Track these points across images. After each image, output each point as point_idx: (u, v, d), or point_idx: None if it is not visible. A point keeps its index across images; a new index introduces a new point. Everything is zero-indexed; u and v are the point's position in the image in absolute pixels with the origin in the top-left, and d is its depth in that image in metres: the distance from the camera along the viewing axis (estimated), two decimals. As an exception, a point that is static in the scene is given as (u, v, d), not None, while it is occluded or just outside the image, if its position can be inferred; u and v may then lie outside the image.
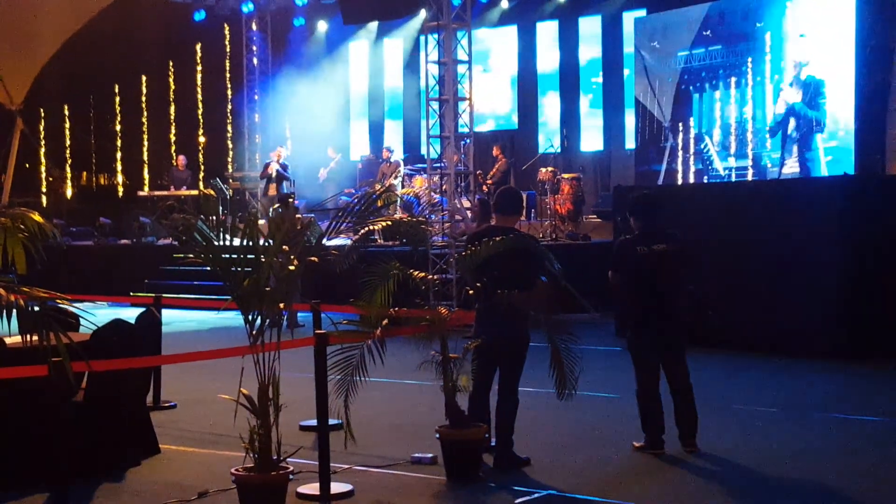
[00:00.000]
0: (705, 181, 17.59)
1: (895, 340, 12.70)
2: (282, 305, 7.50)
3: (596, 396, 10.53)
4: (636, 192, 11.79)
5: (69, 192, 31.47)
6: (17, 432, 7.85)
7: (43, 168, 31.91)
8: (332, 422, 8.03)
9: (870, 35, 16.58)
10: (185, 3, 26.39)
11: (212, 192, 8.47)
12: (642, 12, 21.67)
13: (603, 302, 15.61)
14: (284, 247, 7.61)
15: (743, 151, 17.47)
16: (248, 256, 7.41)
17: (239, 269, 7.39)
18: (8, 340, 7.77)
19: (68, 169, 31.87)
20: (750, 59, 17.47)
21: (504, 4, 24.98)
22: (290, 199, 17.90)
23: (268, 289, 7.31)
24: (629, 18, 22.26)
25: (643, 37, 19.14)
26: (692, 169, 18.22)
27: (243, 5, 25.99)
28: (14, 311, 5.93)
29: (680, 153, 18.46)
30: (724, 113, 17.91)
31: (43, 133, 31.82)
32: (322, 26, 27.11)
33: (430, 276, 8.86)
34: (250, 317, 7.32)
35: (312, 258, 7.60)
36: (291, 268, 7.33)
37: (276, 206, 16.98)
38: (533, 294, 8.03)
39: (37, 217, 7.53)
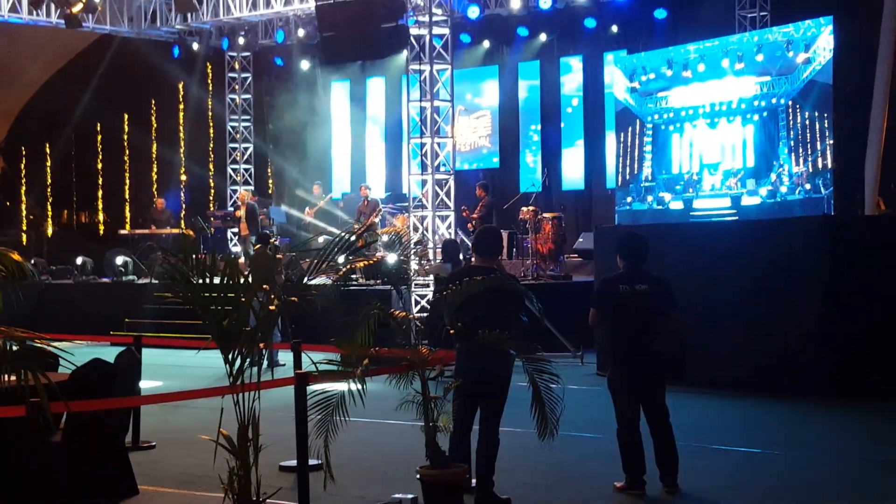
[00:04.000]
0: (686, 220, 17.63)
1: (876, 379, 12.71)
2: (262, 345, 7.49)
3: (577, 436, 10.50)
4: (623, 231, 11.83)
5: (50, 230, 31.39)
6: (-6, 472, 7.79)
7: (24, 206, 31.85)
8: (312, 462, 8.01)
9: (847, 77, 16.72)
10: (166, 42, 26.42)
11: (191, 232, 8.47)
12: (623, 53, 21.82)
13: (585, 341, 15.67)
14: (264, 286, 7.61)
15: (723, 191, 17.54)
16: (228, 295, 7.40)
17: (218, 308, 7.37)
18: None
19: (49, 207, 31.82)
20: (728, 99, 17.57)
21: (485, 45, 25.10)
22: (270, 239, 17.87)
23: (247, 328, 7.30)
24: (610, 58, 22.41)
25: (623, 76, 19.23)
26: (672, 208, 18.27)
27: (224, 43, 26.02)
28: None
29: (660, 192, 18.52)
30: (704, 151, 17.99)
31: (24, 171, 31.79)
32: (304, 65, 27.19)
33: (411, 316, 8.86)
34: (230, 356, 7.30)
35: (293, 298, 7.59)
36: (272, 307, 7.33)
37: (256, 245, 16.95)
38: (513, 333, 8.02)
39: (15, 256, 7.48)
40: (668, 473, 8.68)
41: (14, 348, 6.17)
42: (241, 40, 25.85)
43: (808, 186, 16.20)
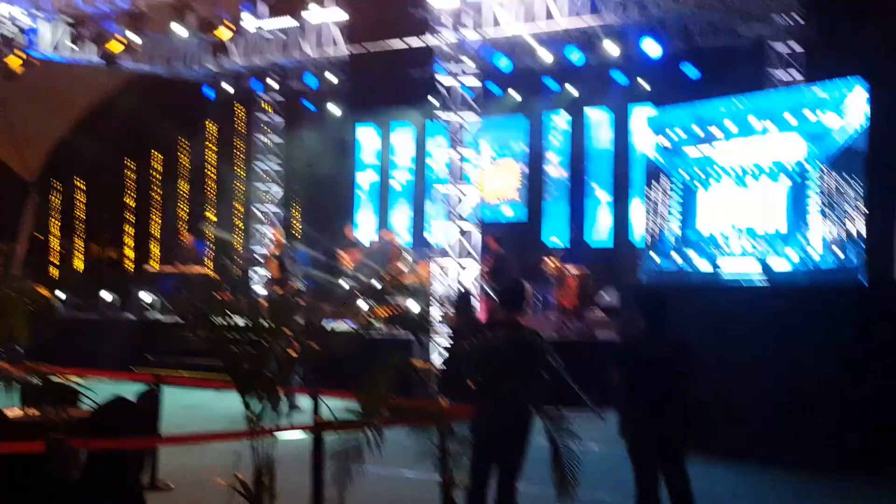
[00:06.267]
0: (713, 282, 17.53)
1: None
2: (281, 390, 7.50)
3: (598, 499, 10.37)
4: (643, 289, 11.76)
5: (78, 265, 31.56)
6: (12, 508, 7.81)
7: (54, 240, 32.07)
8: (327, 511, 8.00)
9: (880, 141, 16.63)
10: (197, 82, 26.69)
11: (214, 274, 8.54)
12: (649, 107, 21.84)
13: (607, 400, 15.54)
14: (286, 330, 7.63)
15: (751, 253, 17.46)
16: (250, 338, 7.43)
17: (239, 350, 7.40)
18: (9, 413, 7.76)
19: (79, 241, 32.02)
20: (758, 159, 17.52)
21: (514, 95, 25.18)
22: (290, 282, 17.92)
23: (267, 373, 7.32)
24: (637, 112, 22.45)
25: (651, 132, 19.23)
26: (699, 268, 18.20)
27: (254, 85, 26.25)
28: (16, 384, 5.96)
29: (687, 252, 18.46)
30: (733, 212, 17.93)
31: (56, 205, 32.04)
32: (334, 109, 27.34)
33: (432, 367, 8.86)
34: (248, 399, 7.32)
35: (313, 343, 7.61)
36: (291, 352, 7.35)
37: (277, 288, 16.99)
38: (533, 390, 8.00)
39: (43, 291, 7.57)
40: (688, 540, 8.54)
41: (37, 382, 6.22)
42: (273, 84, 26.06)
43: (839, 253, 16.09)
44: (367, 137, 28.60)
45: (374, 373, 8.00)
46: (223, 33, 20.29)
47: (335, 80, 24.50)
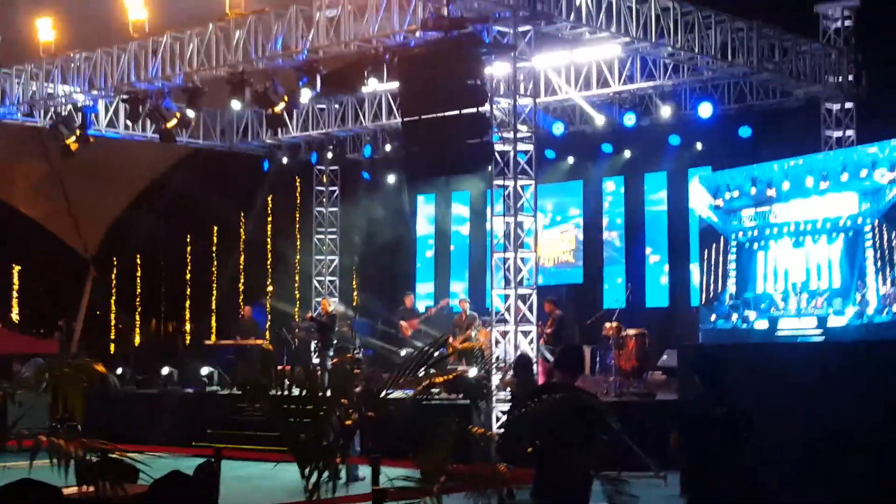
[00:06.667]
0: (767, 339, 17.38)
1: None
2: (338, 459, 7.48)
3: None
4: (698, 349, 11.68)
5: (137, 340, 31.83)
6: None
7: (112, 315, 32.39)
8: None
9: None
10: (256, 155, 26.99)
11: (270, 346, 8.56)
12: (707, 169, 21.81)
13: (669, 462, 15.38)
14: (343, 399, 7.61)
15: (809, 311, 17.30)
16: (306, 408, 7.42)
17: (296, 420, 7.39)
18: (65, 491, 7.78)
19: (137, 317, 32.30)
20: (813, 218, 17.42)
21: (570, 160, 25.23)
22: (348, 353, 17.91)
23: (325, 442, 7.30)
24: (695, 176, 22.39)
25: (706, 193, 19.16)
26: (757, 328, 18.04)
27: (313, 157, 26.49)
28: (71, 460, 5.96)
29: (745, 311, 18.31)
30: (789, 270, 17.80)
31: (115, 281, 32.38)
32: (390, 179, 27.50)
33: (489, 433, 8.80)
34: (307, 470, 7.29)
35: (369, 412, 7.59)
36: (348, 422, 7.33)
37: (334, 359, 16.98)
38: (592, 453, 7.92)
39: (99, 367, 7.60)
40: None
41: (93, 459, 6.22)
42: (329, 154, 26.30)
43: (895, 308, 15.90)
44: (424, 205, 28.72)
45: (433, 439, 7.95)
46: (279, 106, 20.50)
47: (391, 150, 24.73)
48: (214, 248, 30.89)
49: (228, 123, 25.94)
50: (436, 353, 8.41)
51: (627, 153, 24.41)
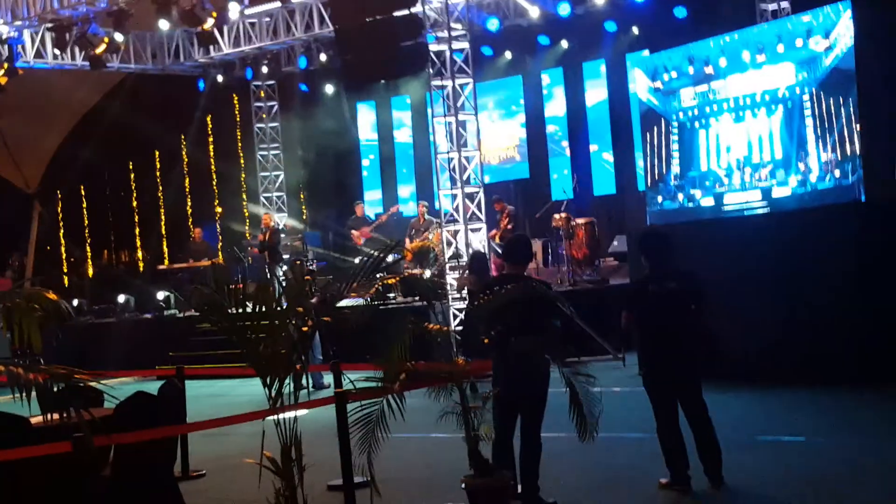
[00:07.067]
0: (714, 215, 17.62)
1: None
2: (298, 367, 7.58)
3: (621, 437, 10.53)
4: (643, 230, 11.90)
5: (90, 271, 31.69)
6: (47, 511, 7.89)
7: (63, 249, 32.20)
8: (357, 479, 8.08)
9: (869, 61, 16.62)
10: (191, 76, 26.66)
11: (223, 262, 8.60)
12: (645, 53, 21.82)
13: (626, 343, 15.69)
14: (299, 308, 7.69)
15: (753, 184, 17.51)
16: (263, 322, 7.50)
17: (254, 335, 7.47)
18: (34, 420, 7.84)
19: (88, 248, 32.14)
20: (751, 92, 17.54)
21: (507, 55, 25.13)
22: (298, 262, 17.96)
23: (283, 351, 7.39)
24: (633, 60, 22.39)
25: (645, 77, 19.23)
26: (703, 205, 18.26)
27: (248, 73, 26.19)
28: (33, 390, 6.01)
29: (690, 190, 18.51)
30: (731, 146, 17.96)
31: (61, 214, 32.13)
32: (328, 89, 27.30)
33: (446, 328, 8.92)
34: (269, 381, 7.40)
35: (326, 318, 7.68)
36: (305, 329, 7.42)
37: (285, 269, 17.04)
38: (547, 339, 8.08)
39: (51, 295, 7.62)
40: (712, 467, 8.71)
41: (56, 387, 6.26)
42: (264, 69, 26.04)
43: (837, 173, 16.14)
44: (365, 113, 28.59)
45: (391, 340, 8.08)
46: (208, 23, 20.24)
47: (326, 59, 24.52)
48: (158, 174, 30.65)
49: (159, 45, 25.53)
50: (389, 258, 8.50)
51: (564, 43, 24.31)
